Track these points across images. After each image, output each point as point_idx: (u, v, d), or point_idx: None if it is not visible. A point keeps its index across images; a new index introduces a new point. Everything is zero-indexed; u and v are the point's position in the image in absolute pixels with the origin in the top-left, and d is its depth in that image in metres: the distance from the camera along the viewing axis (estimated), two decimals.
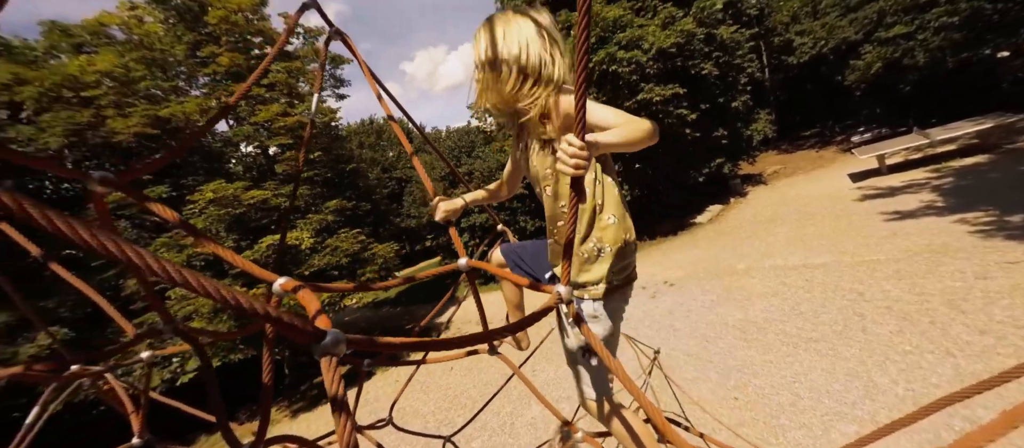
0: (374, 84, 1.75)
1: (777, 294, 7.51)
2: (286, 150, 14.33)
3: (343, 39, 1.66)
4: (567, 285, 0.91)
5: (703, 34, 14.13)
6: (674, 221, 16.22)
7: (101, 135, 11.07)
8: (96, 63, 10.62)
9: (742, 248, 10.84)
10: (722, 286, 8.83)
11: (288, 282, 0.85)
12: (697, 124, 14.78)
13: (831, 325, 5.94)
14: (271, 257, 11.92)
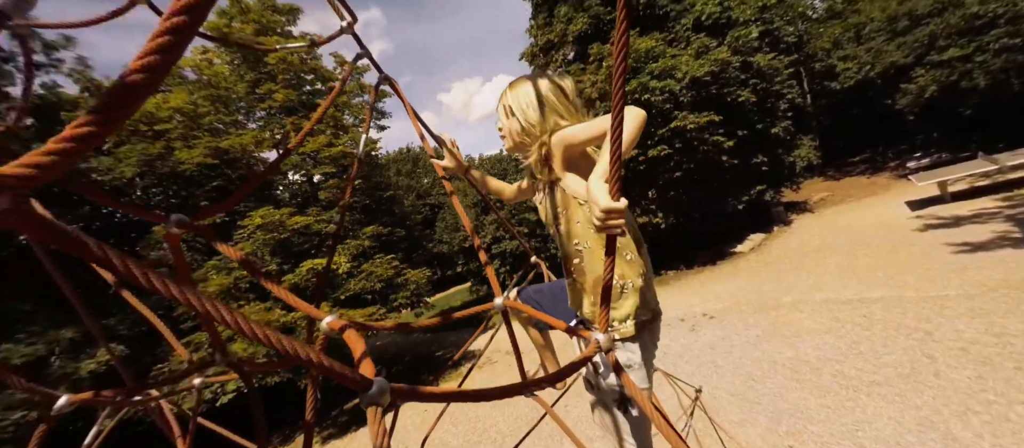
0: (418, 125, 1.85)
1: (830, 331, 6.96)
2: (330, 178, 15.13)
3: (391, 85, 1.77)
4: (606, 332, 0.89)
5: (739, 62, 13.93)
6: (713, 250, 15.58)
7: (168, 165, 12.16)
8: (170, 100, 11.80)
9: (788, 279, 10.20)
10: (768, 320, 8.29)
11: (335, 321, 0.89)
12: (735, 151, 14.36)
13: (896, 367, 5.41)
14: (311, 280, 12.42)
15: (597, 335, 0.89)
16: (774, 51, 16.07)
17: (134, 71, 0.32)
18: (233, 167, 13.66)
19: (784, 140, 16.25)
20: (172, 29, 0.32)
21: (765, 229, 16.20)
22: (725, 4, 14.51)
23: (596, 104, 14.51)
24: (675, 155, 13.98)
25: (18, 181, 0.32)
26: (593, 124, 1.25)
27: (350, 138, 15.66)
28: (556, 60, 17.29)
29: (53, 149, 0.32)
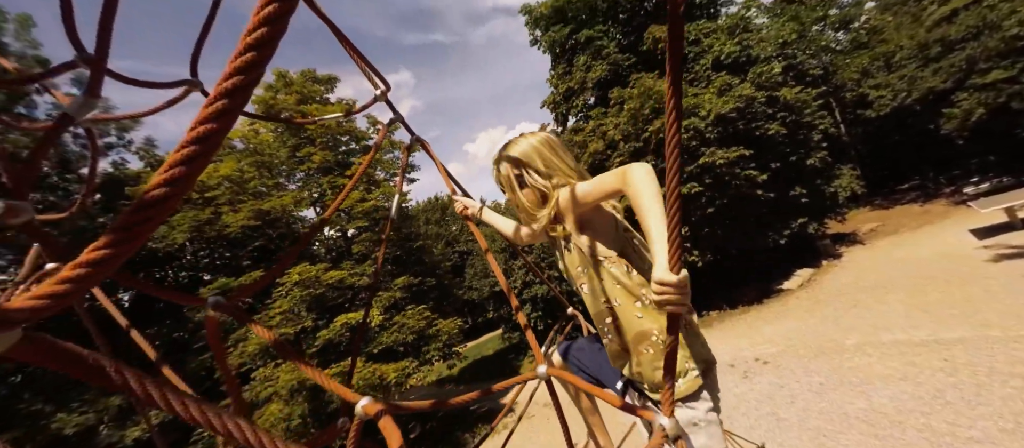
0: (450, 184, 1.85)
1: (907, 377, 6.20)
2: (363, 232, 15.63)
3: (424, 146, 1.80)
4: (671, 417, 0.77)
5: (764, 97, 13.80)
6: (758, 287, 14.66)
7: (216, 229, 12.97)
8: (220, 169, 12.79)
9: (847, 319, 9.34)
10: (830, 366, 7.52)
11: (370, 405, 0.82)
12: (769, 185, 13.87)
13: (996, 420, 4.68)
14: (345, 335, 12.50)
15: (661, 420, 0.78)
16: (800, 84, 15.85)
17: (156, 186, 0.29)
18: (273, 227, 14.41)
19: (821, 171, 15.60)
20: (195, 146, 0.29)
21: (812, 264, 15.19)
22: (744, 43, 14.66)
23: (620, 145, 14.59)
24: (706, 191, 13.64)
25: (30, 314, 0.29)
26: (602, 182, 1.19)
27: (382, 193, 16.31)
28: (577, 106, 17.76)
29: (68, 276, 0.29)
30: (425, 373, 14.32)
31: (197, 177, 0.31)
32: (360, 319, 12.72)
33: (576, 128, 17.37)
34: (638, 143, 13.98)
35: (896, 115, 20.86)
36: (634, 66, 16.18)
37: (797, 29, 17.94)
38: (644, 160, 12.30)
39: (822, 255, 15.66)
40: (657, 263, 0.80)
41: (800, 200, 14.55)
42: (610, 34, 16.90)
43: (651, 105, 13.69)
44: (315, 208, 16.90)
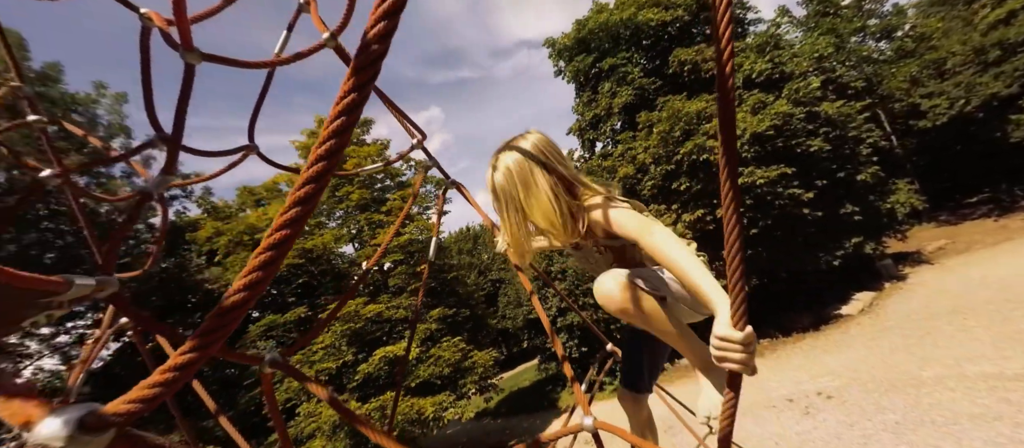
0: (487, 219, 1.88)
1: (1003, 417, 5.45)
2: (398, 265, 16.00)
3: (460, 189, 1.85)
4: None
5: (803, 113, 13.28)
6: (812, 313, 13.61)
7: None
8: (269, 212, 13.66)
9: (921, 348, 8.44)
10: (906, 401, 6.75)
11: None
12: (816, 203, 13.11)
13: None
14: (384, 369, 12.62)
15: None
16: (842, 98, 15.16)
17: (236, 291, 0.31)
18: (316, 264, 15.05)
19: (874, 186, 14.60)
20: (270, 252, 0.31)
21: (873, 286, 13.99)
22: (776, 60, 14.31)
23: (651, 169, 14.35)
24: (747, 212, 13.06)
25: (126, 418, 0.30)
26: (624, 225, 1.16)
27: (416, 226, 16.75)
28: (605, 132, 17.77)
29: (159, 381, 0.31)
30: (462, 407, 14.08)
31: (271, 280, 0.32)
32: (398, 353, 12.84)
33: (604, 153, 17.31)
34: (670, 165, 13.71)
35: (955, 124, 19.39)
36: (660, 90, 16.12)
37: (834, 42, 17.35)
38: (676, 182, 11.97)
39: (884, 277, 14.42)
40: (719, 317, 0.76)
41: (852, 218, 13.61)
42: (634, 60, 17.02)
43: (681, 127, 13.49)
44: (354, 244, 17.57)
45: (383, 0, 0.29)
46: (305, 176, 0.31)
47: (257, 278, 0.31)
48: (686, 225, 13.23)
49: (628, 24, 16.07)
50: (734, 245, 0.62)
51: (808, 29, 20.61)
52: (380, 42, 0.30)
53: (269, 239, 0.32)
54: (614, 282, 1.17)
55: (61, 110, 12.15)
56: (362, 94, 0.31)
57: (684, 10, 16.10)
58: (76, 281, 0.71)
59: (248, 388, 12.66)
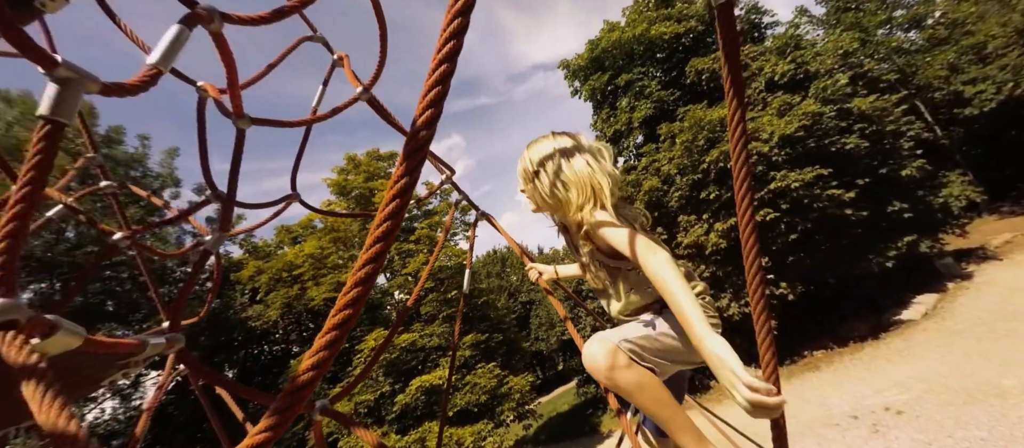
0: (516, 247, 1.88)
1: None
2: (429, 293, 16.18)
3: (489, 220, 1.87)
4: None
5: (833, 111, 12.78)
6: (869, 320, 12.68)
7: (302, 304, 14.19)
8: (305, 249, 14.23)
9: (1000, 353, 7.66)
10: (990, 415, 6.10)
11: None
12: (859, 202, 12.41)
13: None
14: (420, 399, 12.62)
15: None
16: (873, 92, 14.51)
17: (306, 370, 0.33)
18: None
19: (921, 181, 13.70)
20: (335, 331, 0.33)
21: (935, 287, 12.93)
22: (798, 61, 13.94)
23: (677, 180, 14.07)
24: (784, 217, 12.48)
25: None
26: (621, 243, 1.13)
27: (446, 253, 16.96)
28: (627, 147, 17.64)
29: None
30: (501, 436, 13.81)
31: (335, 357, 0.34)
32: (434, 381, 12.83)
33: (627, 167, 17.14)
34: (696, 175, 13.39)
35: (1007, 109, 18.11)
36: (680, 100, 15.94)
37: (858, 36, 16.76)
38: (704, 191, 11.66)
39: (946, 276, 13.33)
40: (738, 388, 0.73)
41: (901, 216, 12.76)
42: (650, 74, 16.98)
43: (704, 135, 13.22)
44: (385, 274, 17.96)
45: (429, 90, 0.32)
46: (365, 257, 0.33)
47: (323, 357, 0.33)
48: (719, 234, 12.77)
49: (641, 40, 16.15)
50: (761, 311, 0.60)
51: (829, 26, 20.05)
52: (427, 128, 0.32)
53: (334, 318, 0.33)
54: (601, 348, 1.10)
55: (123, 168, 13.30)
56: (413, 178, 0.33)
57: (697, 20, 16.07)
58: (151, 342, 0.76)
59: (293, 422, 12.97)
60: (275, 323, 13.79)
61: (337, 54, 1.51)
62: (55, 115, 0.46)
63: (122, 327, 12.60)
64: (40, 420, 0.40)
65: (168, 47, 0.59)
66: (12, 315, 0.44)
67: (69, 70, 0.46)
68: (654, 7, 17.26)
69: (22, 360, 0.43)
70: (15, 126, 11.89)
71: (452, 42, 0.33)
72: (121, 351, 0.66)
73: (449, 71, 0.33)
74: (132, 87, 0.54)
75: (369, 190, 17.60)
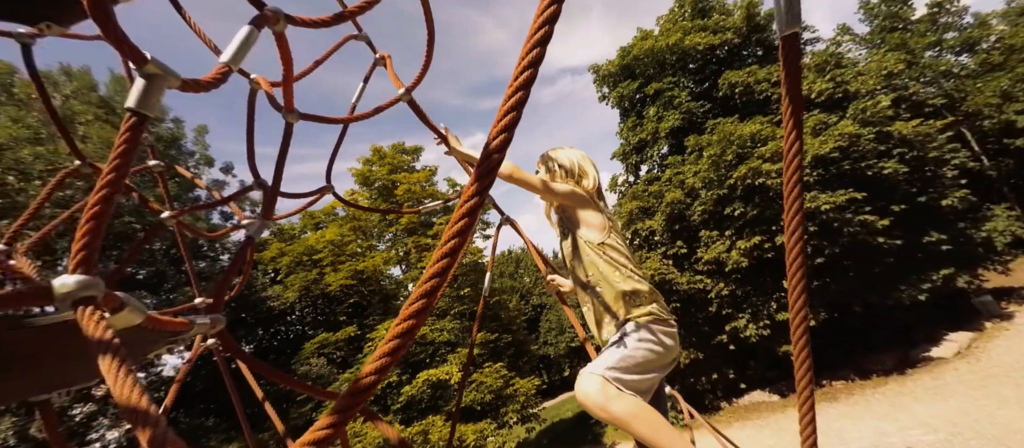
0: (538, 259, 1.89)
1: None
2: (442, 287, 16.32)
3: (513, 226, 1.88)
4: None
5: (871, 133, 12.29)
6: (896, 353, 12.15)
7: (319, 288, 14.53)
8: (326, 235, 14.57)
9: None
10: None
11: None
12: (894, 230, 11.90)
13: None
14: (425, 392, 12.75)
15: None
16: (917, 116, 13.88)
17: (366, 375, 0.35)
18: (366, 285, 15.72)
19: (963, 212, 13.03)
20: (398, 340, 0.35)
21: (971, 326, 12.28)
22: (838, 79, 13.46)
23: (701, 193, 13.80)
24: (810, 240, 12.08)
25: None
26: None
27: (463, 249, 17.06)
28: (651, 156, 17.40)
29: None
30: (504, 436, 13.80)
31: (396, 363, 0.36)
32: (441, 376, 12.93)
33: (650, 178, 16.90)
34: (722, 190, 13.10)
35: None
36: (710, 113, 15.62)
37: (904, 58, 16.06)
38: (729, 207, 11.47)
39: (983, 315, 12.65)
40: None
41: (939, 247, 12.16)
42: (681, 84, 16.69)
43: (733, 150, 12.91)
44: (401, 266, 18.21)
45: (504, 116, 0.33)
46: (432, 271, 0.35)
47: (385, 363, 0.34)
48: (742, 252, 12.45)
49: (674, 49, 15.89)
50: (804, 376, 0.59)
51: (873, 46, 19.29)
52: (499, 152, 0.33)
53: (398, 327, 0.35)
54: (591, 383, 1.20)
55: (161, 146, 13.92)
56: (481, 198, 0.34)
57: (733, 33, 15.70)
58: (198, 321, 0.80)
59: (300, 404, 13.26)
60: (292, 305, 14.16)
61: (379, 53, 1.55)
62: (141, 108, 0.49)
63: (151, 296, 13.17)
64: (115, 394, 0.43)
65: (239, 47, 0.62)
66: (92, 291, 0.47)
67: (156, 67, 0.49)
68: (689, 17, 16.96)
69: (99, 335, 0.46)
70: (71, 99, 12.59)
71: (529, 71, 0.34)
72: (173, 329, 0.69)
73: (524, 98, 0.34)
74: (206, 84, 0.57)
75: (392, 182, 17.86)
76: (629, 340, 1.34)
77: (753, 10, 15.95)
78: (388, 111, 1.60)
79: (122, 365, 0.45)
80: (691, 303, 13.87)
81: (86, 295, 0.47)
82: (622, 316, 1.43)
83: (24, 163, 10.37)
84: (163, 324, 0.68)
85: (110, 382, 0.44)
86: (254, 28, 0.65)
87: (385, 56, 1.51)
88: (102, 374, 0.45)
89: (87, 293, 0.47)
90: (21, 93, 11.61)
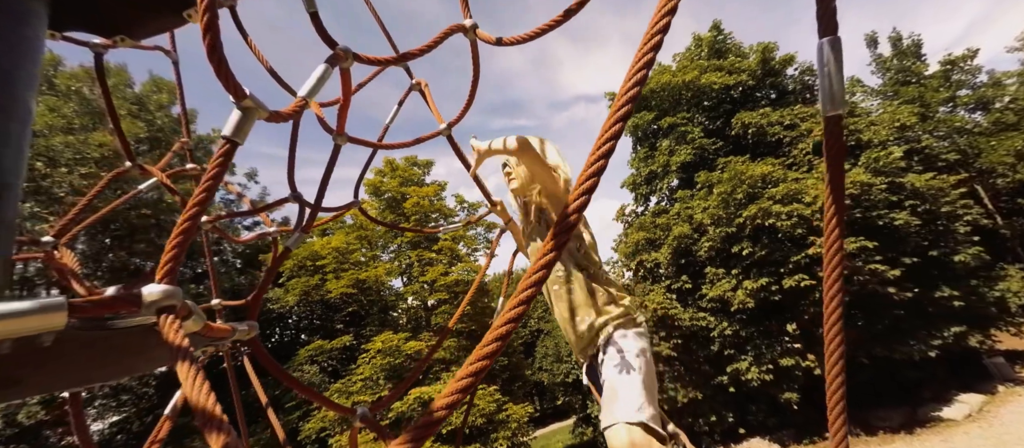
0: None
1: None
2: (442, 304, 16.23)
3: (513, 234, 1.93)
4: None
5: (884, 183, 12.30)
6: (903, 411, 11.80)
7: (320, 294, 14.52)
8: (332, 241, 14.65)
9: None
10: None
11: None
12: (905, 282, 11.75)
13: None
14: (416, 410, 12.52)
15: None
16: (930, 170, 13.89)
17: (440, 408, 0.37)
18: (366, 295, 15.70)
19: (976, 269, 12.86)
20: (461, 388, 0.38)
21: (983, 388, 11.94)
22: (851, 128, 13.58)
23: (710, 230, 13.77)
24: (819, 286, 11.94)
25: None
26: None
27: (464, 267, 17.05)
28: (660, 189, 17.47)
29: None
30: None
31: (464, 400, 0.38)
32: (433, 394, 12.70)
33: (658, 210, 16.92)
34: (730, 228, 13.07)
35: None
36: (721, 150, 15.75)
37: (917, 111, 16.21)
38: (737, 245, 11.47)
39: (996, 378, 12.32)
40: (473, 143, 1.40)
41: (950, 303, 11.95)
42: (695, 120, 16.91)
43: (744, 189, 12.95)
44: (403, 278, 18.17)
45: (586, 180, 0.36)
46: (506, 317, 0.38)
47: (456, 400, 0.37)
48: (748, 293, 12.32)
49: (690, 86, 16.18)
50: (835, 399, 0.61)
51: (886, 97, 19.49)
52: (578, 212, 0.37)
53: (469, 367, 0.38)
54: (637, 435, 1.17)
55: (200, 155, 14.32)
56: (557, 254, 0.37)
57: (748, 75, 15.99)
58: (238, 328, 0.83)
59: (288, 412, 13.07)
60: (291, 309, 14.14)
61: (416, 80, 1.62)
62: (234, 137, 0.54)
63: None
64: (191, 400, 0.46)
65: (315, 83, 0.68)
66: (173, 301, 0.51)
67: (252, 102, 0.54)
68: (706, 57, 17.33)
69: (177, 342, 0.49)
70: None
71: (610, 142, 0.38)
72: (220, 336, 0.72)
73: (604, 167, 0.38)
74: (287, 116, 0.62)
75: (401, 194, 18.05)
76: (628, 357, 1.34)
77: (768, 55, 16.28)
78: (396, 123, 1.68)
79: (198, 373, 0.48)
80: (693, 340, 13.65)
81: (169, 304, 0.50)
82: (598, 310, 1.46)
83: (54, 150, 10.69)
84: (214, 331, 0.71)
85: (186, 388, 0.47)
86: (329, 66, 0.70)
87: (422, 83, 1.58)
88: (179, 379, 0.48)
89: (170, 302, 0.50)
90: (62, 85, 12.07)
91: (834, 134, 0.52)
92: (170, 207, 13.44)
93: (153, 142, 13.57)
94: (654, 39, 0.38)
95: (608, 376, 1.34)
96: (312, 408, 13.18)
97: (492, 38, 1.08)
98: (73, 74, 12.59)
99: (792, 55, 16.53)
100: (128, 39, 1.09)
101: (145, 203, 12.15)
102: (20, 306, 0.38)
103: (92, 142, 11.22)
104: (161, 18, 1.04)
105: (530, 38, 0.99)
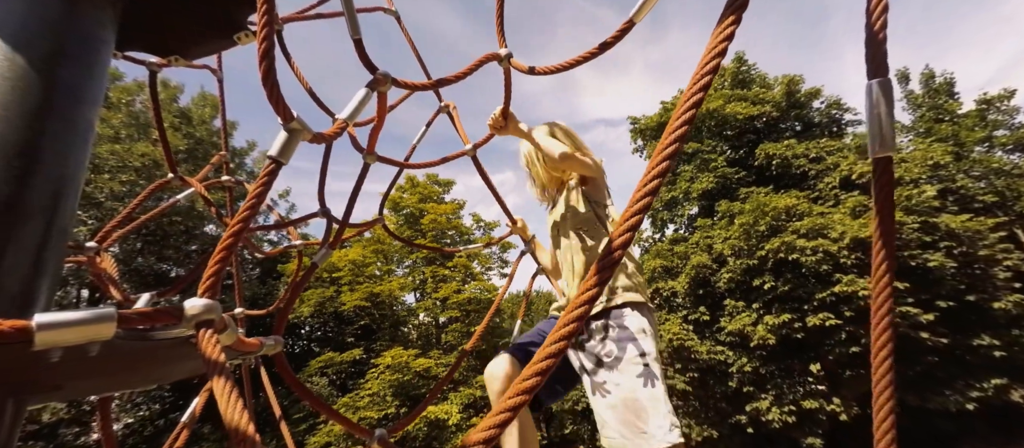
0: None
1: None
2: (453, 322, 16.15)
3: (532, 254, 1.91)
4: None
5: (916, 223, 11.85)
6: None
7: (334, 306, 14.66)
8: (349, 254, 14.87)
9: None
10: None
11: None
12: (939, 326, 11.14)
13: None
14: (422, 430, 12.32)
15: None
16: (966, 211, 13.33)
17: (475, 443, 0.36)
18: (379, 308, 15.76)
19: (1017, 318, 12.10)
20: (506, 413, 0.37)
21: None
22: None
23: (729, 261, 13.43)
24: (846, 326, 11.42)
25: None
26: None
27: (478, 285, 17.00)
28: (681, 216, 17.23)
29: None
30: None
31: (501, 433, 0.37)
32: (440, 415, 12.51)
33: (676, 237, 16.64)
34: (751, 260, 12.71)
35: None
36: (744, 180, 15.50)
37: (952, 149, 15.69)
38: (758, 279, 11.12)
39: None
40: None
41: (991, 353, 11.23)
42: (718, 149, 16.77)
43: (767, 221, 12.64)
44: (416, 294, 18.20)
45: (630, 216, 0.36)
46: (546, 352, 0.37)
47: (492, 435, 0.36)
48: (769, 328, 11.86)
49: (714, 115, 16.13)
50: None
51: (917, 134, 18.96)
52: (622, 248, 0.36)
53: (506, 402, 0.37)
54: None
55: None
56: (601, 289, 0.37)
57: (772, 107, 15.87)
58: (266, 343, 0.84)
59: (295, 423, 13.04)
60: (304, 320, 14.28)
61: (445, 102, 1.67)
62: (280, 157, 0.56)
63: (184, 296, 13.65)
64: (226, 416, 0.46)
65: (356, 106, 0.70)
66: (213, 315, 0.52)
67: (299, 124, 0.56)
68: (730, 86, 17.30)
69: (214, 356, 0.50)
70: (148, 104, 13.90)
71: (656, 181, 0.38)
72: (250, 350, 0.73)
73: (649, 204, 0.38)
74: (328, 137, 0.64)
75: (419, 211, 18.28)
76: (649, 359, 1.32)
77: (793, 87, 16.15)
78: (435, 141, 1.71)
79: (233, 389, 0.48)
80: (710, 374, 13.13)
81: (208, 318, 0.51)
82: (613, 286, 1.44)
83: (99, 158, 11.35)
84: (244, 345, 0.72)
85: (221, 403, 0.47)
86: (369, 90, 0.73)
87: (451, 106, 1.62)
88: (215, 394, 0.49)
89: (209, 316, 0.51)
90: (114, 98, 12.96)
91: (884, 175, 0.50)
92: (200, 215, 13.95)
93: (190, 153, 14.24)
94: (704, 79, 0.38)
95: (624, 382, 1.27)
96: (319, 422, 13.11)
97: (525, 67, 1.10)
98: (125, 88, 13.46)
99: (818, 88, 16.35)
100: (181, 59, 1.16)
101: (177, 211, 12.68)
102: (75, 316, 0.39)
103: (135, 151, 11.88)
104: (214, 41, 1.10)
105: (563, 69, 1.01)
